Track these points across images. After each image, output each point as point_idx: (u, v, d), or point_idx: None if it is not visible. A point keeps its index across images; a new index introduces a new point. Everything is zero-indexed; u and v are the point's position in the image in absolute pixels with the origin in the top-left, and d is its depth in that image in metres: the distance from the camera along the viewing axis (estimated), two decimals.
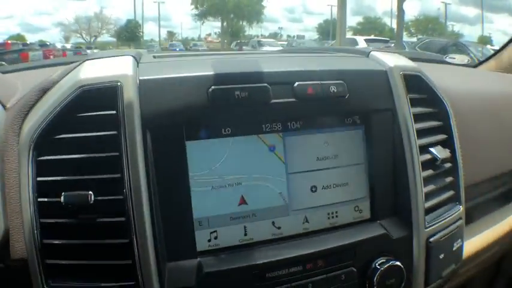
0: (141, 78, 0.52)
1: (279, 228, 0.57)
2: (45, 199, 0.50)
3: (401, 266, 0.59)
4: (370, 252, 0.59)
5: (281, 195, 0.57)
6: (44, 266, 0.49)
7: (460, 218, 0.70)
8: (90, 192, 0.49)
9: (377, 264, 0.58)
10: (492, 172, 0.85)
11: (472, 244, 0.81)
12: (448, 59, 1.19)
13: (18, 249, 0.52)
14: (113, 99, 0.50)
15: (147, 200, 0.50)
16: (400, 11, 15.30)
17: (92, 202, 0.49)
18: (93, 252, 0.50)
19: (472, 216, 0.87)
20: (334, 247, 0.57)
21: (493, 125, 0.87)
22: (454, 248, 0.69)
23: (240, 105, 0.54)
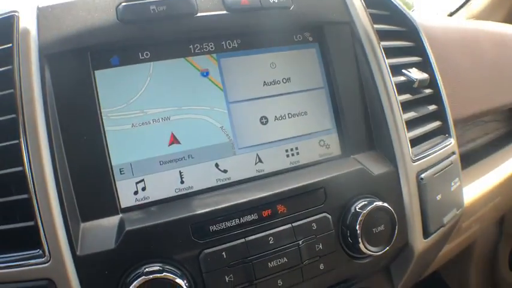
0: (40, 6, 0.43)
1: (225, 171, 0.46)
2: None
3: (390, 208, 0.47)
4: (347, 193, 0.47)
5: (223, 130, 0.46)
6: None
7: (453, 153, 0.59)
8: None
9: (357, 207, 0.46)
10: (478, 107, 0.75)
11: (472, 190, 0.70)
12: None
13: None
14: (8, 31, 0.42)
15: (47, 145, 0.39)
16: None
17: None
18: None
19: (466, 163, 0.76)
20: (297, 187, 0.45)
21: (474, 61, 0.77)
22: (453, 188, 0.57)
23: (158, 22, 0.43)
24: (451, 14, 1.13)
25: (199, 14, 0.45)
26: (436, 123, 0.59)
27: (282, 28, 0.49)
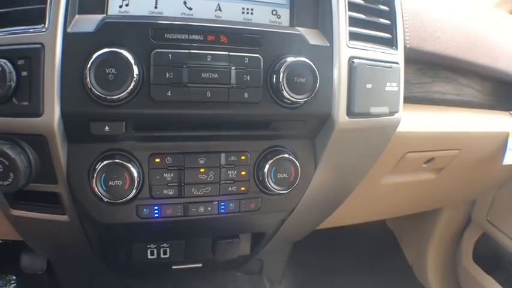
0: None
1: (190, 8, 0.58)
2: None
3: (313, 66, 0.57)
4: (281, 48, 0.58)
5: None
6: None
7: (397, 63, 0.67)
8: None
9: (287, 58, 0.57)
10: (443, 49, 0.81)
11: (419, 122, 0.76)
12: None
13: None
14: None
15: None
16: None
17: None
18: None
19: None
20: (241, 28, 0.57)
21: (453, 21, 0.85)
22: (387, 88, 0.65)
23: None
24: None
25: None
26: (385, 34, 0.68)
27: None
